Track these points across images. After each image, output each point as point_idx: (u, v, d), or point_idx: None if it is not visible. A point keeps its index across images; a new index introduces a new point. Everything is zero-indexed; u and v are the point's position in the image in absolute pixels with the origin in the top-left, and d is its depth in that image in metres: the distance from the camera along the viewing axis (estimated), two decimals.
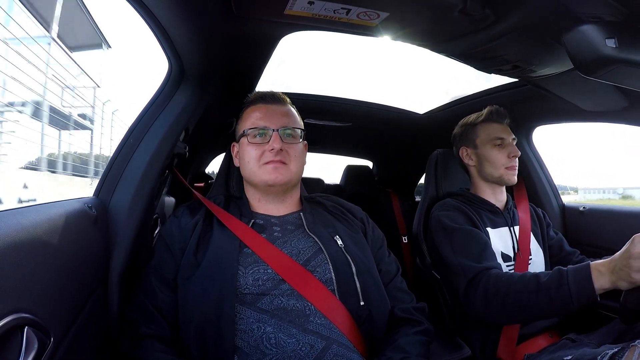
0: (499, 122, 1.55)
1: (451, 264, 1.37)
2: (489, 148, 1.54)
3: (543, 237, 1.58)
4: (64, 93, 8.16)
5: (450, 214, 1.48)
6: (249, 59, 1.36)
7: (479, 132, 1.57)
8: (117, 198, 1.12)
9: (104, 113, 9.56)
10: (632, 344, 0.82)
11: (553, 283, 1.09)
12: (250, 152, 1.14)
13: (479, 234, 1.40)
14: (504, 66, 1.28)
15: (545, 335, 1.37)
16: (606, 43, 0.90)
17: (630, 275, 0.96)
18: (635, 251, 0.95)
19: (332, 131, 2.51)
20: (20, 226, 0.68)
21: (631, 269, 0.95)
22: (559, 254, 1.56)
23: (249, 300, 0.98)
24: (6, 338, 0.59)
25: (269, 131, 1.14)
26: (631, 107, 1.46)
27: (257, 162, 1.13)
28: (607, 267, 1.02)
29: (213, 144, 2.56)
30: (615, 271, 0.99)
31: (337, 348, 0.94)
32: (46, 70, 7.04)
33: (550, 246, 1.58)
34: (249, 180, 1.19)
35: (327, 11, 1.04)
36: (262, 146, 1.14)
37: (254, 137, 1.15)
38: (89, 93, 9.22)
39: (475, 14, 1.01)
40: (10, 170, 6.34)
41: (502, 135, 1.53)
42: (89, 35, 9.14)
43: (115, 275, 1.07)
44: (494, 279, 1.22)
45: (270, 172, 1.12)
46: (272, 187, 1.14)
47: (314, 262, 1.06)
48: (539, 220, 1.62)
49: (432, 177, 1.77)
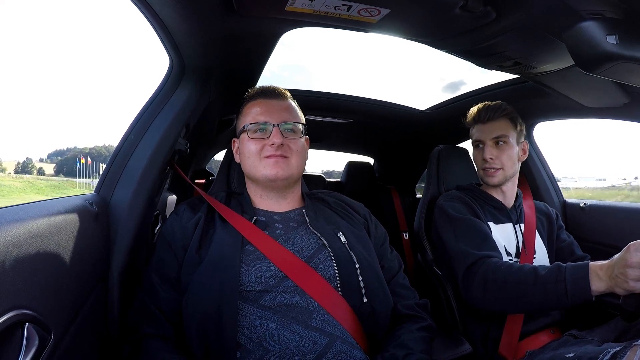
0: (481, 121, 1.54)
1: (452, 250, 1.39)
2: (474, 150, 1.58)
3: (550, 238, 1.58)
4: None
5: (455, 204, 1.50)
6: (250, 55, 1.36)
7: (470, 133, 1.60)
8: (118, 194, 1.13)
9: None
10: (635, 343, 0.82)
11: (550, 278, 1.10)
12: (250, 147, 1.14)
13: (481, 224, 1.41)
14: (505, 63, 1.28)
15: (547, 332, 1.37)
16: (607, 39, 0.90)
17: (626, 283, 0.97)
18: (632, 260, 0.96)
19: (333, 128, 2.52)
20: (22, 223, 0.68)
21: (627, 277, 0.96)
22: (569, 257, 1.54)
23: (251, 297, 0.98)
24: (7, 334, 0.59)
25: (269, 126, 1.13)
26: (632, 103, 1.45)
27: (257, 156, 1.13)
28: (604, 271, 1.03)
29: (214, 141, 2.56)
30: (612, 277, 1.00)
31: (340, 345, 0.94)
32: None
33: (561, 249, 1.57)
34: (250, 175, 1.18)
35: (328, 7, 1.04)
36: (262, 141, 1.13)
37: (254, 132, 1.14)
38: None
39: (476, 11, 1.01)
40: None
41: (479, 137, 1.53)
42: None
43: (115, 272, 1.07)
44: (493, 267, 1.24)
45: (271, 167, 1.12)
46: (274, 182, 1.14)
47: (317, 259, 1.06)
48: (548, 221, 1.61)
49: (433, 173, 1.77)
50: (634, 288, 0.96)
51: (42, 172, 73.93)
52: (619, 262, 0.99)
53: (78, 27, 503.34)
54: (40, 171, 74.37)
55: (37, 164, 78.93)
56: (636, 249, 0.97)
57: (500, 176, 1.50)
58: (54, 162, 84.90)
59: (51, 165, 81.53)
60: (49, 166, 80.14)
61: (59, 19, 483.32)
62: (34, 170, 73.74)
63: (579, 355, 0.95)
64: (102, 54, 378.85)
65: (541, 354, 1.16)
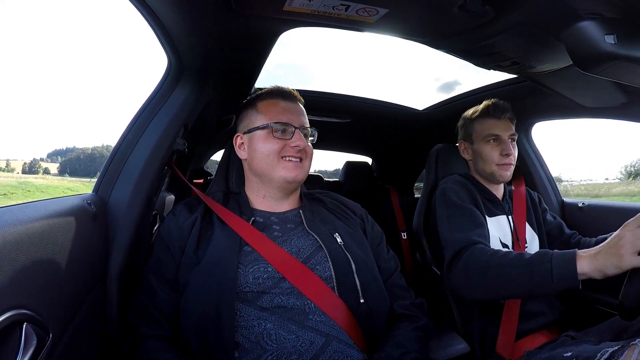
0: (496, 117, 1.55)
1: (444, 238, 1.40)
2: (482, 144, 1.55)
3: (539, 223, 1.60)
4: None
5: (457, 189, 1.50)
6: (248, 55, 1.36)
7: (475, 127, 1.59)
8: (116, 194, 1.12)
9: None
10: (632, 342, 0.82)
11: (536, 260, 1.10)
12: (271, 146, 1.14)
13: (477, 214, 1.42)
14: (503, 62, 1.28)
15: (544, 332, 1.38)
16: (605, 39, 0.90)
17: (620, 261, 0.96)
18: (627, 236, 0.96)
19: (332, 127, 2.51)
20: (19, 223, 0.68)
21: (623, 250, 0.96)
22: (560, 237, 1.59)
23: (249, 299, 0.98)
24: (5, 334, 0.59)
25: (290, 128, 1.15)
26: (630, 103, 1.46)
27: (277, 155, 1.14)
28: (594, 253, 1.02)
29: (212, 141, 2.56)
30: (603, 255, 0.99)
31: (337, 344, 0.95)
32: None
33: (550, 230, 1.61)
34: (264, 173, 1.17)
35: (326, 7, 1.04)
36: (283, 141, 1.14)
37: (276, 131, 1.15)
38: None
39: (474, 10, 1.01)
40: None
41: (497, 132, 1.53)
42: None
43: (114, 272, 1.07)
44: (478, 252, 1.24)
45: (290, 170, 1.13)
46: (291, 184, 1.15)
47: (314, 260, 1.06)
48: (533, 206, 1.64)
49: (432, 172, 1.78)
50: (630, 263, 0.95)
51: (48, 171, 73.52)
52: (612, 241, 0.99)
53: (78, 28, 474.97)
54: (46, 171, 73.97)
55: (42, 164, 78.50)
56: (630, 226, 0.98)
57: (510, 172, 1.54)
58: (54, 162, 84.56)
59: (55, 165, 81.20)
60: (53, 166, 79.77)
61: (59, 19, 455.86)
62: (40, 170, 73.38)
63: (576, 355, 0.95)
64: (99, 54, 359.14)
65: (539, 354, 1.17)
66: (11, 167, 74.56)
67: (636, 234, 0.96)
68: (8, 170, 68.74)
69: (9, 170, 64.71)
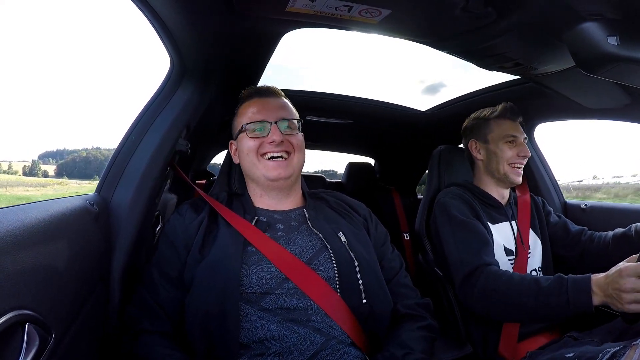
0: (512, 119, 1.55)
1: (450, 255, 1.40)
2: (500, 144, 1.54)
3: (542, 228, 1.59)
4: None
5: (457, 203, 1.49)
6: (251, 56, 1.36)
7: (492, 127, 1.57)
8: (118, 195, 1.13)
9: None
10: (634, 342, 0.82)
11: (553, 290, 1.12)
12: (248, 144, 1.15)
13: (482, 230, 1.41)
14: (506, 63, 1.27)
15: (546, 334, 1.38)
16: (608, 41, 0.90)
17: (622, 306, 1.00)
18: (625, 287, 0.99)
19: (334, 128, 2.51)
20: (22, 223, 0.68)
21: (623, 301, 1.00)
22: (566, 237, 1.58)
23: (252, 299, 0.99)
24: (8, 334, 0.59)
25: (266, 124, 1.14)
26: (633, 104, 1.45)
27: (255, 153, 1.14)
28: (602, 289, 1.06)
29: (215, 141, 2.56)
30: (608, 296, 1.04)
31: (335, 344, 0.96)
32: None
33: (555, 232, 1.60)
34: (250, 174, 1.19)
35: (329, 8, 1.04)
36: (260, 139, 1.14)
37: (252, 131, 1.15)
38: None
39: (477, 12, 1.01)
40: None
41: (515, 133, 1.53)
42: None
43: (116, 272, 1.07)
44: (493, 276, 1.25)
45: (270, 169, 1.13)
46: (275, 182, 1.15)
47: (318, 261, 1.06)
48: (537, 212, 1.63)
49: (435, 173, 1.77)
50: (630, 310, 0.99)
51: (46, 174, 73.59)
52: (613, 284, 1.02)
53: (80, 28, 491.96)
54: (45, 173, 73.72)
55: (42, 166, 77.87)
56: (628, 274, 1.00)
57: (521, 176, 1.55)
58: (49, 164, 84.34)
59: (52, 167, 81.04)
60: (51, 167, 79.54)
61: (59, 20, 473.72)
62: (39, 172, 73.32)
63: (578, 355, 0.95)
64: (102, 55, 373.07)
65: (541, 355, 1.16)
66: (14, 170, 74.54)
67: (636, 286, 0.99)
68: (10, 172, 68.84)
69: (11, 173, 64.84)
